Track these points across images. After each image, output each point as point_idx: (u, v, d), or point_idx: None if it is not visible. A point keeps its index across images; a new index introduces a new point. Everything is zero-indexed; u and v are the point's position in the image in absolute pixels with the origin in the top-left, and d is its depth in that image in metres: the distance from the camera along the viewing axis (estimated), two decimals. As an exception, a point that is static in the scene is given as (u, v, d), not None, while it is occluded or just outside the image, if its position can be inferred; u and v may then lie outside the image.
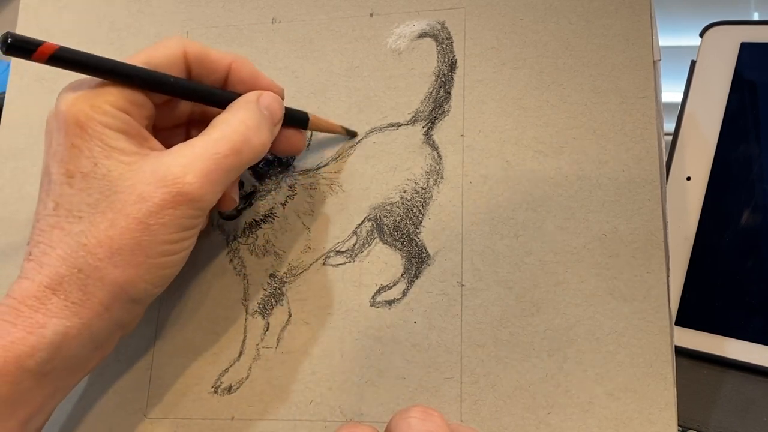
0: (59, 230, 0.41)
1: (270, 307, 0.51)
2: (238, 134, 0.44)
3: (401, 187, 0.51)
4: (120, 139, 0.42)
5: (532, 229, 0.48)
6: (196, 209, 0.43)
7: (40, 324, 0.40)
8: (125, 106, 0.43)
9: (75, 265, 0.41)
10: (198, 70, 0.47)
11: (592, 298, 0.47)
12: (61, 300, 0.41)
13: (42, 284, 0.41)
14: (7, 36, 0.39)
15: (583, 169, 0.49)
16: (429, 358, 0.48)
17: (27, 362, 0.39)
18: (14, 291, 0.41)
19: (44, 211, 0.42)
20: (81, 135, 0.41)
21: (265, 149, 0.46)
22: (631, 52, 0.50)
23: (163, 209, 0.41)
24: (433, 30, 0.54)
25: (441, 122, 0.52)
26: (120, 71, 0.43)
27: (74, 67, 0.42)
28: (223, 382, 0.50)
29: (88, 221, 0.41)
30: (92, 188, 0.41)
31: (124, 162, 0.42)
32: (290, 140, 0.50)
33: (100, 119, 0.42)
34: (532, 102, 0.51)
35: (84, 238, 0.41)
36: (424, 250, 0.50)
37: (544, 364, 0.46)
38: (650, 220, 0.47)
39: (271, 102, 0.47)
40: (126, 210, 0.41)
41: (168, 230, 0.42)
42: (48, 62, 0.40)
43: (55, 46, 0.40)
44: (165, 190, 0.41)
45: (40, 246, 0.42)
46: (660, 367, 0.45)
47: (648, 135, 0.48)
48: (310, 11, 0.56)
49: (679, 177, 0.58)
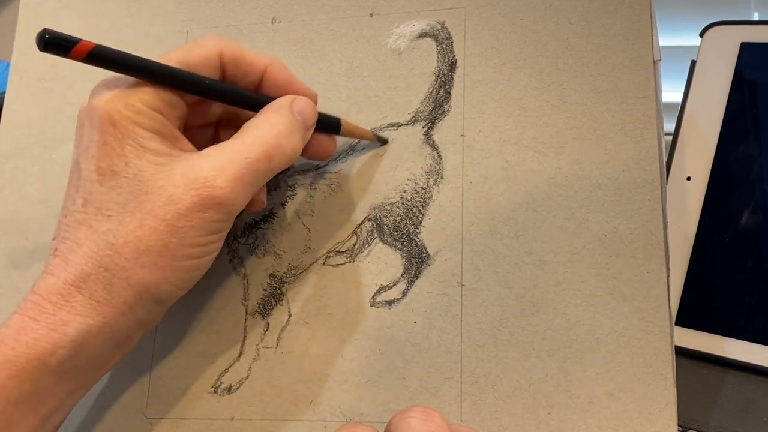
0: (87, 227, 0.41)
1: (270, 307, 0.51)
2: (270, 139, 0.44)
3: (401, 187, 0.51)
4: (152, 140, 0.42)
5: (532, 229, 0.48)
6: (224, 213, 0.42)
7: (64, 322, 0.40)
8: (159, 105, 0.43)
9: (101, 264, 0.41)
10: (233, 71, 0.46)
11: (592, 298, 0.47)
12: (86, 298, 0.40)
13: (67, 281, 0.40)
14: (45, 33, 0.39)
15: (583, 169, 0.49)
16: (429, 358, 0.48)
17: (49, 359, 0.39)
18: (39, 287, 0.41)
19: (72, 206, 0.42)
20: (114, 133, 0.41)
21: (296, 154, 0.45)
22: (631, 52, 0.50)
23: (191, 212, 0.41)
24: (433, 30, 0.54)
25: (441, 122, 0.52)
26: (156, 71, 0.43)
27: (111, 66, 0.41)
28: (223, 382, 0.50)
29: (117, 220, 0.41)
30: (122, 187, 0.41)
31: (156, 163, 0.42)
32: (321, 145, 0.50)
33: (134, 118, 0.42)
34: (532, 102, 0.51)
35: (112, 237, 0.41)
36: (424, 250, 0.50)
37: (544, 364, 0.46)
38: (650, 220, 0.47)
39: (304, 107, 0.46)
40: (155, 211, 0.41)
41: (196, 233, 0.42)
42: (85, 60, 0.40)
43: (92, 44, 0.40)
44: (194, 193, 0.41)
45: (66, 242, 0.42)
46: (660, 367, 0.45)
47: (648, 135, 0.48)
48: (310, 11, 0.56)
49: (679, 177, 0.58)
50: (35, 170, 0.58)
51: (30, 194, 0.57)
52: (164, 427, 0.50)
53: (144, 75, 0.43)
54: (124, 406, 0.51)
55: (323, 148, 0.50)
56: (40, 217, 0.57)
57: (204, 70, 0.45)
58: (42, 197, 0.57)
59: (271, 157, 0.44)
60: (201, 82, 0.44)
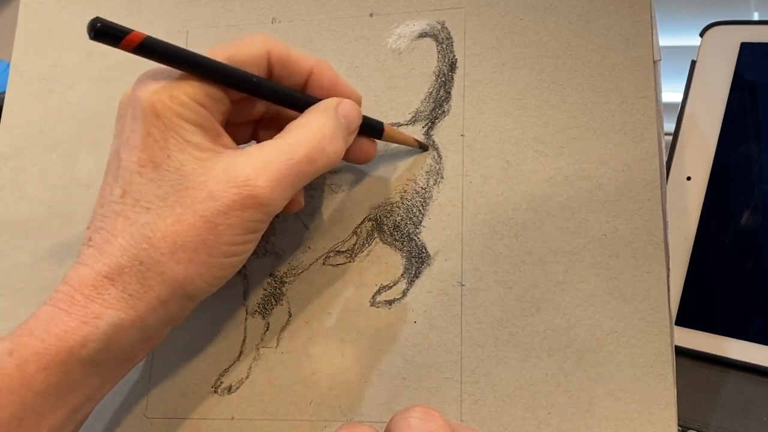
0: (124, 218, 0.41)
1: (270, 307, 0.51)
2: (313, 141, 0.44)
3: (401, 187, 0.51)
4: (196, 134, 0.42)
5: (532, 229, 0.48)
6: (264, 213, 0.42)
7: (95, 314, 0.40)
8: (203, 100, 0.42)
9: (136, 257, 0.40)
10: (279, 71, 0.46)
11: (592, 298, 0.47)
12: (119, 291, 0.40)
13: (101, 273, 0.40)
14: (97, 21, 0.38)
15: (583, 169, 0.49)
16: (429, 358, 0.48)
17: (79, 352, 0.39)
18: (71, 278, 0.41)
19: (110, 197, 0.42)
20: (157, 125, 0.41)
21: (339, 158, 0.45)
22: (631, 52, 0.50)
23: (231, 210, 0.41)
24: (433, 30, 0.54)
25: (441, 122, 0.52)
26: (204, 66, 0.42)
27: (160, 58, 0.41)
28: (223, 382, 0.50)
29: (156, 213, 0.41)
30: (163, 180, 0.41)
31: (198, 157, 0.42)
32: (362, 149, 0.49)
33: (178, 111, 0.41)
34: (532, 102, 0.51)
35: (149, 231, 0.41)
36: (424, 250, 0.50)
37: (544, 364, 0.46)
38: (650, 220, 0.47)
39: (349, 110, 0.46)
40: (195, 207, 0.41)
41: (234, 231, 0.42)
42: (135, 51, 0.40)
43: (142, 35, 0.40)
44: (235, 191, 0.41)
45: (101, 232, 0.41)
46: (660, 367, 0.45)
47: (648, 135, 0.48)
48: (310, 11, 0.56)
49: (679, 177, 0.58)
50: (35, 170, 0.58)
51: (30, 194, 0.57)
52: (164, 427, 0.50)
53: (192, 69, 0.42)
54: (124, 406, 0.51)
55: (364, 152, 0.50)
56: (40, 217, 0.57)
57: (251, 67, 0.44)
58: (42, 197, 0.57)
59: (313, 160, 0.43)
60: (248, 79, 0.44)
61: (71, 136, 0.58)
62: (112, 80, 0.59)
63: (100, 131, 0.58)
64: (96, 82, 0.59)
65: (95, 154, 0.57)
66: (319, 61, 0.47)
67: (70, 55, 0.60)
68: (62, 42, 0.61)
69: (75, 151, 0.58)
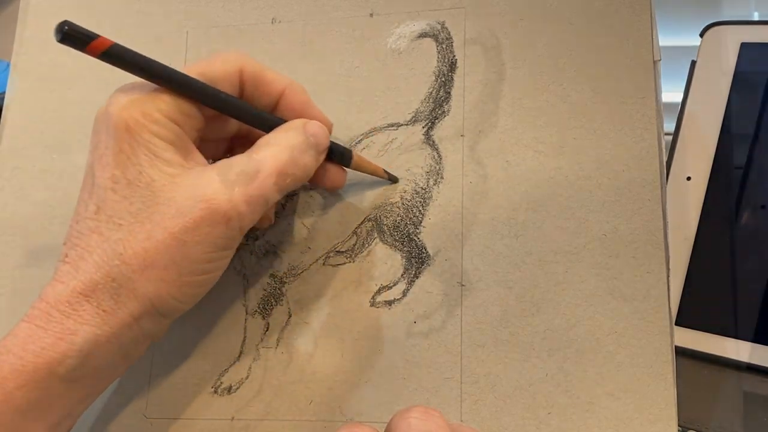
0: (98, 235, 0.41)
1: (270, 308, 0.51)
2: (282, 157, 0.44)
3: (401, 187, 0.51)
4: (167, 150, 0.42)
5: (532, 229, 0.49)
6: (233, 229, 0.42)
7: (71, 331, 0.40)
8: (176, 116, 0.42)
9: (109, 274, 0.40)
10: (251, 89, 0.46)
11: (592, 298, 0.47)
12: (94, 308, 0.40)
13: (76, 290, 0.40)
14: (64, 24, 0.38)
15: (583, 169, 0.49)
16: (429, 358, 0.48)
17: (57, 369, 0.39)
18: (47, 294, 0.41)
19: (85, 213, 0.42)
20: (129, 141, 0.41)
21: (307, 175, 0.45)
22: (631, 52, 0.50)
23: (199, 226, 0.41)
24: (433, 30, 0.54)
25: (441, 122, 0.52)
26: (173, 79, 0.42)
27: (127, 67, 0.41)
28: (223, 382, 0.50)
29: (127, 230, 0.41)
30: (135, 196, 0.41)
31: (168, 173, 0.41)
32: (331, 175, 0.49)
33: (150, 127, 0.41)
34: (532, 102, 0.51)
35: (121, 247, 0.41)
36: (424, 250, 0.50)
37: (544, 364, 0.46)
38: (650, 220, 0.47)
39: (317, 130, 0.46)
40: (164, 223, 0.41)
41: (203, 248, 0.41)
42: (101, 57, 0.40)
43: (109, 42, 0.40)
44: (203, 207, 0.41)
45: (77, 249, 0.41)
46: (660, 367, 0.45)
47: (648, 135, 0.48)
48: (310, 11, 0.56)
49: (679, 177, 0.58)
50: (35, 170, 0.58)
51: (30, 194, 0.57)
52: (164, 427, 0.50)
53: (161, 81, 0.42)
54: (124, 406, 0.51)
55: (332, 178, 0.50)
56: (40, 217, 0.57)
57: (223, 84, 0.45)
58: (42, 198, 0.57)
59: (282, 175, 0.43)
60: (216, 95, 0.44)
61: (71, 136, 0.58)
62: (112, 80, 0.57)
63: (100, 131, 0.57)
64: (96, 82, 0.59)
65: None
66: (293, 83, 0.47)
67: (70, 55, 0.60)
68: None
69: (75, 152, 0.58)
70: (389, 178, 0.51)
